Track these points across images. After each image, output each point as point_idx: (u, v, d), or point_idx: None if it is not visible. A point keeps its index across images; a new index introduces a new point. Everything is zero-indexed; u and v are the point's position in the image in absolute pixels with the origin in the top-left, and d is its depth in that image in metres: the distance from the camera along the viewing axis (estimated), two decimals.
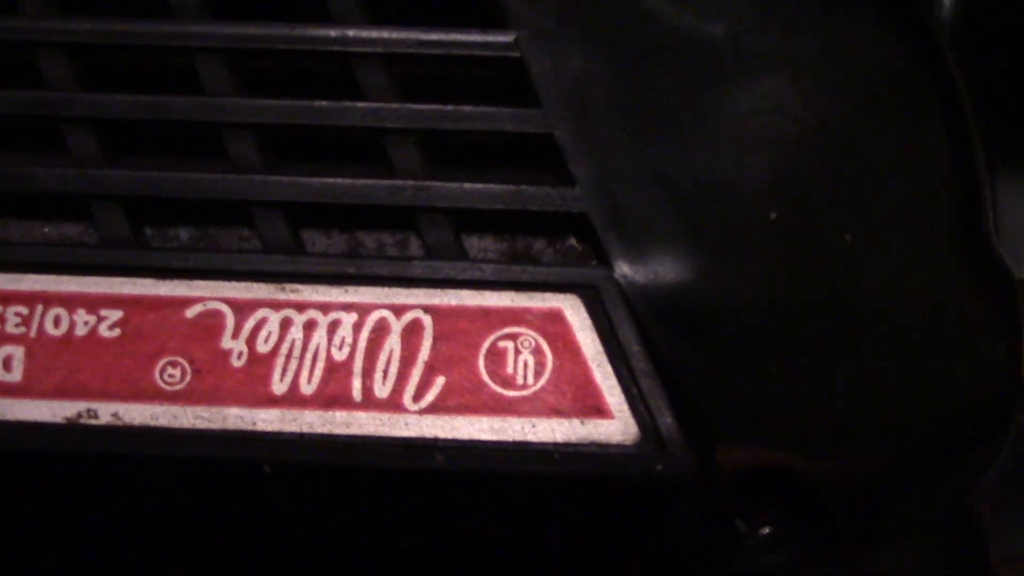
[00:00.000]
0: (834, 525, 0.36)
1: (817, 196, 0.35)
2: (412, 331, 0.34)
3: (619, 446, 0.33)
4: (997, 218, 0.54)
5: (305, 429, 0.33)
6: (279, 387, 0.34)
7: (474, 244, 0.36)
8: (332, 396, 0.34)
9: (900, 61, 0.36)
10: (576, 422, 0.33)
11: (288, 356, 0.34)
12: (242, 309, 0.34)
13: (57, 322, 0.34)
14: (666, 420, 0.33)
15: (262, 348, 0.34)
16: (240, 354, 0.34)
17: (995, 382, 0.36)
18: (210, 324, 0.34)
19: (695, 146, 0.35)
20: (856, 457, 0.35)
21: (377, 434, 0.33)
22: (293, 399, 0.33)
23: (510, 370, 0.34)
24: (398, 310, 0.34)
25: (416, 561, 0.34)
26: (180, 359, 0.34)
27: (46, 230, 0.36)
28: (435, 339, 0.34)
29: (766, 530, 0.36)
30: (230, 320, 0.34)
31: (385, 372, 0.34)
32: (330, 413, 0.33)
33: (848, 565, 0.37)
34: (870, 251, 0.35)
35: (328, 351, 0.34)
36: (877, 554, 0.37)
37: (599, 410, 0.33)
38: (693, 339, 0.34)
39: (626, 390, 0.34)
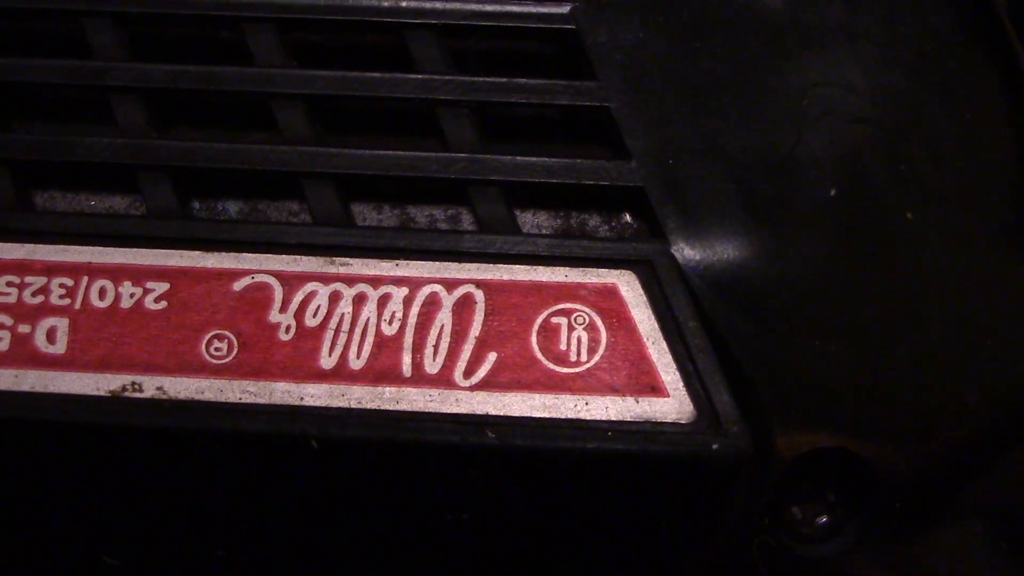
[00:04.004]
0: (892, 510, 0.35)
1: (877, 172, 0.34)
2: (464, 306, 0.33)
3: (674, 424, 0.32)
4: None
5: (354, 404, 0.33)
6: (327, 362, 0.33)
7: (528, 220, 0.35)
8: (381, 371, 0.33)
9: (962, 35, 0.35)
10: (631, 400, 0.33)
11: (337, 330, 0.33)
12: (290, 282, 0.33)
13: (102, 294, 0.33)
14: (722, 398, 0.32)
15: (310, 322, 0.33)
16: (288, 328, 0.33)
17: None
18: (258, 297, 0.33)
19: (753, 120, 0.34)
20: (916, 440, 0.34)
21: (427, 410, 0.32)
22: (342, 374, 0.33)
23: (563, 346, 0.33)
24: (450, 284, 0.33)
25: (465, 538, 0.34)
26: (227, 332, 0.33)
27: (92, 202, 0.35)
28: (487, 314, 0.33)
29: (823, 519, 0.35)
30: (278, 293, 0.33)
31: (436, 347, 0.33)
32: (379, 388, 0.33)
33: (904, 550, 0.36)
34: (930, 229, 0.34)
35: (378, 325, 0.33)
36: (934, 540, 0.36)
37: (654, 388, 0.33)
38: (750, 316, 0.33)
39: (681, 367, 0.33)
